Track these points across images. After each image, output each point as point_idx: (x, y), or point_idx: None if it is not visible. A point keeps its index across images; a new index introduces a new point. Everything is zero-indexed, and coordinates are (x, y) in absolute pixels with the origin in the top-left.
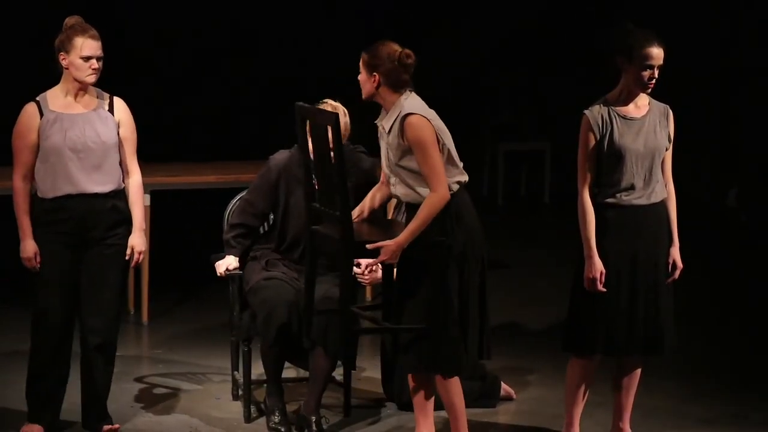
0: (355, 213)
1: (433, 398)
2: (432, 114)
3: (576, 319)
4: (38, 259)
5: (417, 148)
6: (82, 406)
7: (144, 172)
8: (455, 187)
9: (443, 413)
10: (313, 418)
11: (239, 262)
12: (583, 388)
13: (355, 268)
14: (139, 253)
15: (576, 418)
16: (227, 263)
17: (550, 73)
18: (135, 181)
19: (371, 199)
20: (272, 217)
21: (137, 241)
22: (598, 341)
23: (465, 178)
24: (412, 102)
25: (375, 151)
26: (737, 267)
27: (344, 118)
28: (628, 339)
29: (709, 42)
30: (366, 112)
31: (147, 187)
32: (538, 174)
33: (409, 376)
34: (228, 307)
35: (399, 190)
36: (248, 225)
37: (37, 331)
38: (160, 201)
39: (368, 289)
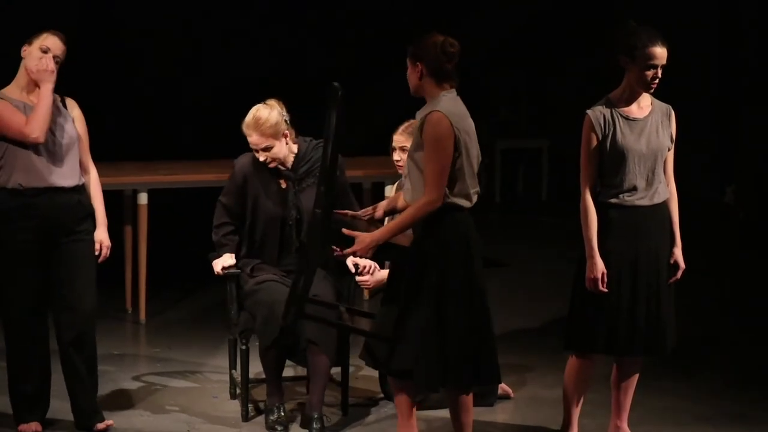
0: (369, 210)
1: (412, 402)
2: (464, 124)
3: (577, 318)
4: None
5: (427, 145)
6: (71, 404)
7: (141, 171)
8: (449, 204)
9: (441, 413)
10: (315, 415)
11: (234, 259)
12: (581, 386)
13: (351, 268)
14: (108, 248)
15: (574, 417)
16: (223, 261)
17: (548, 71)
18: (93, 177)
19: (391, 200)
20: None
21: (104, 236)
22: (599, 341)
23: (465, 203)
24: (449, 103)
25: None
26: (735, 264)
27: (278, 114)
28: (629, 339)
29: (708, 37)
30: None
31: (144, 186)
32: (536, 171)
33: (389, 378)
34: (225, 306)
35: (406, 184)
36: (231, 224)
37: (9, 330)
38: (157, 200)
39: (365, 291)
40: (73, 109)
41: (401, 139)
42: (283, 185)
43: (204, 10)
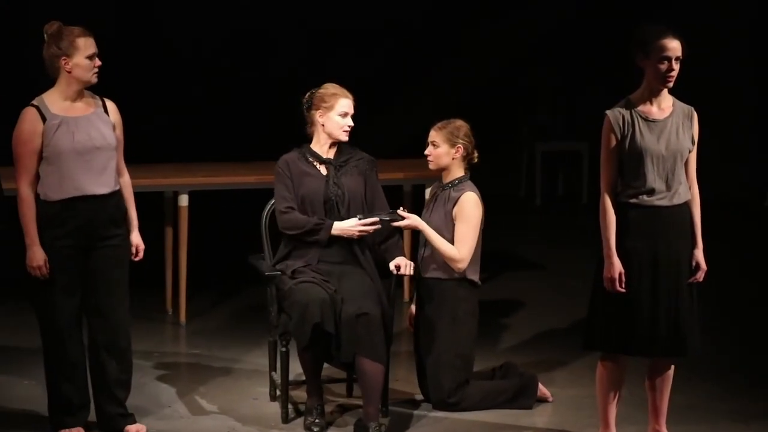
0: None
1: None
2: None
3: (595, 318)
4: (47, 267)
5: None
6: (95, 407)
7: (183, 173)
8: None
9: (481, 417)
10: (373, 425)
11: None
12: (611, 389)
13: (392, 269)
14: (143, 250)
15: (611, 419)
16: (351, 222)
17: (588, 74)
18: (126, 180)
19: None
20: None
21: (138, 239)
22: (616, 341)
23: None
24: None
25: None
26: None
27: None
28: (649, 340)
29: (747, 43)
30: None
31: (185, 188)
32: (576, 174)
33: None
34: (266, 308)
35: None
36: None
37: (47, 335)
38: (198, 202)
39: (406, 290)
40: (114, 115)
41: (433, 134)
42: (324, 171)
43: (242, 12)
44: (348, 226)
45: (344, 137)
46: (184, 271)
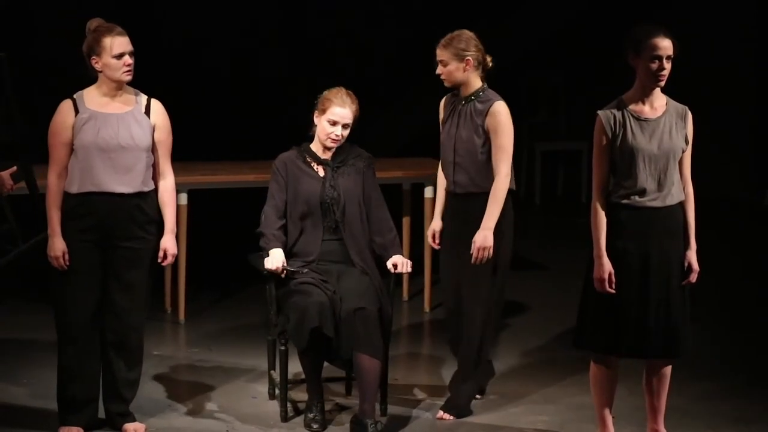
0: None
1: None
2: None
3: (585, 318)
4: (66, 258)
5: None
6: (103, 403)
7: (182, 172)
8: None
9: (481, 418)
10: (370, 422)
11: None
12: (606, 388)
13: (390, 268)
14: (172, 256)
15: (608, 419)
16: (279, 259)
17: (588, 74)
18: (168, 183)
19: None
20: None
21: (169, 243)
22: (606, 341)
23: None
24: None
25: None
26: None
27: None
28: (639, 341)
29: (744, 39)
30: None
31: (185, 187)
32: (575, 174)
33: None
34: (265, 307)
35: None
36: (280, 226)
37: (61, 330)
38: (197, 200)
39: (405, 290)
40: (157, 116)
41: (439, 52)
42: (321, 173)
43: (246, 12)
44: (272, 264)
45: (329, 144)
46: (184, 269)
